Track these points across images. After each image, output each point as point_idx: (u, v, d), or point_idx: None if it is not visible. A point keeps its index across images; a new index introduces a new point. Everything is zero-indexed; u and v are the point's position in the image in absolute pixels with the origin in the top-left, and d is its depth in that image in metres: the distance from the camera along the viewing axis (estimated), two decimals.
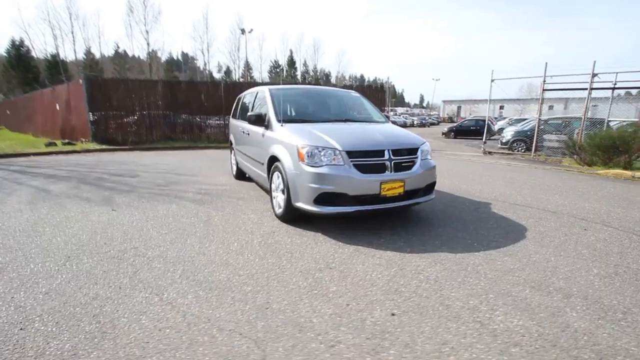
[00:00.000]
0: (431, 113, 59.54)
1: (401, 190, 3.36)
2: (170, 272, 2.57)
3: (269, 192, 4.16)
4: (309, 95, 4.76)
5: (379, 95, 16.24)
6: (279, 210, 3.74)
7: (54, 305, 2.10)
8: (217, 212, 4.12)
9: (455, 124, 24.59)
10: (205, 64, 53.61)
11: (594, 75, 9.70)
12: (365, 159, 3.27)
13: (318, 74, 60.31)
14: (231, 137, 6.32)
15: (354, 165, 3.21)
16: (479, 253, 2.93)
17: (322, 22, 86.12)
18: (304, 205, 3.29)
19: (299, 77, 57.38)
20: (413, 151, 3.53)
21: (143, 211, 4.17)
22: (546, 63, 11.01)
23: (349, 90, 5.25)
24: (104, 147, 11.66)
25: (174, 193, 5.14)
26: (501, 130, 17.26)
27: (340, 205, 3.21)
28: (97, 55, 48.06)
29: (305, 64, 60.49)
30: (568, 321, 1.97)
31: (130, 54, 50.08)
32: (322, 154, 3.24)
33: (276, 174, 3.77)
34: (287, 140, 3.54)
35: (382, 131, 3.75)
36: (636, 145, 7.00)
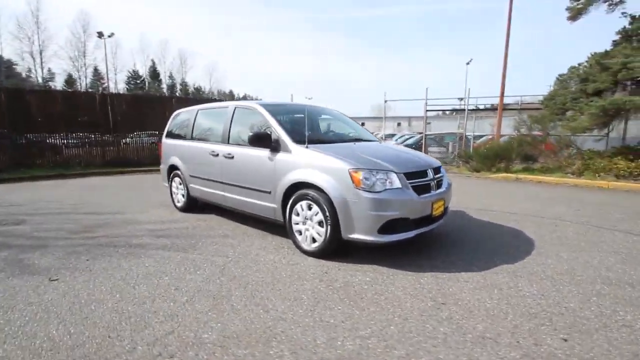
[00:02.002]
0: None
1: (442, 208, 3.36)
2: None
3: (275, 225, 3.52)
4: (299, 112, 4.30)
5: None
6: (314, 245, 3.19)
7: None
8: (221, 259, 3.22)
9: None
10: (36, 71, 42.61)
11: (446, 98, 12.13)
12: (418, 180, 3.13)
13: (187, 87, 55.89)
14: (174, 161, 5.13)
15: (411, 187, 3.03)
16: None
17: (189, 33, 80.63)
18: (363, 236, 2.90)
19: (165, 90, 51.87)
20: (439, 169, 3.59)
21: (106, 274, 2.91)
22: (427, 88, 13.21)
23: (324, 107, 4.97)
24: None
25: (121, 241, 3.80)
26: None
27: (403, 231, 2.97)
28: None
29: (171, 77, 55.22)
30: None
31: None
32: (376, 177, 2.94)
33: (302, 204, 3.21)
34: (327, 164, 3.07)
35: (402, 150, 3.69)
36: (515, 155, 9.08)
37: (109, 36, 25.66)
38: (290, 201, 3.34)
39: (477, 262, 3.09)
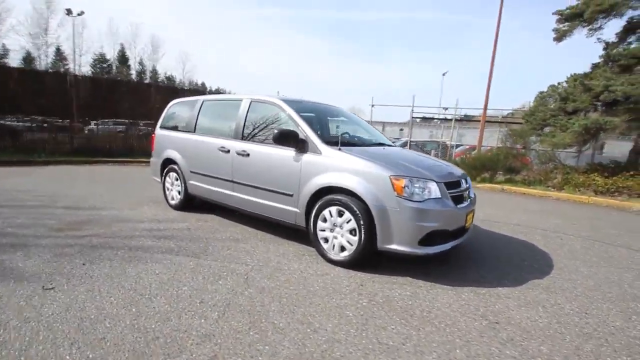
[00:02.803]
0: None
1: (472, 219, 3.28)
2: None
3: (291, 227, 3.29)
4: (319, 111, 4.07)
5: None
6: (343, 255, 2.99)
7: None
8: (241, 267, 2.93)
9: None
10: None
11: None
12: (455, 190, 3.02)
13: (158, 76, 53.10)
14: (170, 155, 4.70)
15: (450, 197, 2.92)
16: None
17: (161, 20, 76.49)
18: (402, 247, 2.73)
19: (133, 76, 48.91)
20: (467, 179, 3.51)
21: (112, 283, 2.53)
22: (414, 95, 13.45)
23: (339, 107, 4.74)
24: None
25: (118, 242, 3.38)
26: None
27: (440, 243, 2.84)
28: None
29: (141, 63, 52.16)
30: None
31: None
32: (418, 185, 2.79)
33: (332, 210, 3.00)
34: (365, 169, 2.87)
35: (430, 158, 3.58)
36: (500, 165, 9.38)
37: (79, 14, 23.69)
38: (317, 206, 3.11)
39: (507, 277, 3.03)
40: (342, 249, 3.00)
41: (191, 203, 4.71)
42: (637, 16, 9.62)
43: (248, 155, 3.65)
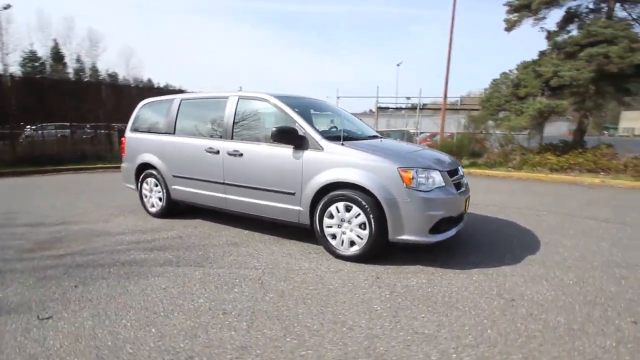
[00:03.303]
0: None
1: (468, 204, 3.43)
2: None
3: (300, 227, 3.23)
4: (311, 106, 3.97)
5: None
6: (353, 249, 2.98)
7: None
8: (252, 272, 2.82)
9: None
10: None
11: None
12: (454, 178, 3.13)
13: (99, 73, 48.95)
14: (147, 159, 4.38)
15: (453, 184, 3.02)
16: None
17: (99, 11, 69.87)
18: (414, 237, 2.78)
19: (71, 75, 44.66)
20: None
21: (117, 303, 2.32)
22: (377, 86, 13.68)
23: (323, 100, 4.67)
24: None
25: (105, 259, 3.11)
26: None
27: (446, 230, 2.93)
28: None
29: (79, 60, 47.71)
30: None
31: None
32: (423, 176, 2.85)
33: (339, 205, 2.97)
34: (371, 163, 2.87)
35: (421, 147, 3.67)
36: (465, 150, 9.89)
37: (5, 8, 20.97)
38: (322, 203, 3.07)
39: (505, 256, 3.21)
40: (352, 243, 3.00)
41: (174, 209, 4.45)
42: (574, 6, 10.56)
43: (241, 155, 3.50)
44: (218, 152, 3.66)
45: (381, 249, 2.97)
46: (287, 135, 3.12)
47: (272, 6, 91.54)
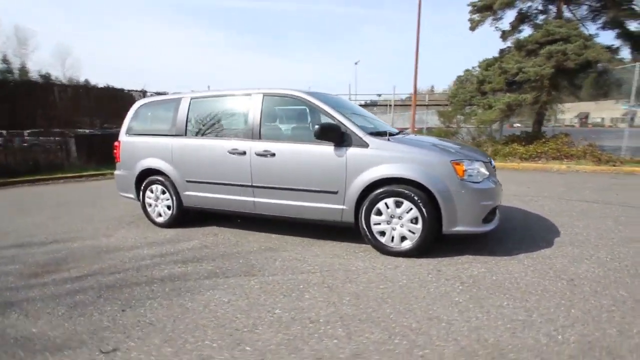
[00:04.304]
0: None
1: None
2: None
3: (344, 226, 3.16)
4: (339, 103, 3.82)
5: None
6: (405, 245, 2.96)
7: None
8: (312, 277, 2.68)
9: None
10: None
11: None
12: (493, 168, 3.24)
13: (30, 73, 43.85)
14: (153, 164, 3.99)
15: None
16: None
17: (25, 8, 62.26)
18: (469, 227, 2.83)
19: None
20: None
21: (186, 324, 2.08)
22: (349, 84, 13.83)
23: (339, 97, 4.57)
24: None
25: (137, 277, 2.79)
26: None
27: (491, 219, 3.03)
28: None
29: (5, 60, 42.40)
30: None
31: None
32: (473, 167, 2.91)
33: (388, 201, 2.93)
34: (422, 157, 2.86)
35: (449, 140, 3.75)
36: None
37: None
38: (368, 200, 3.01)
39: (535, 241, 3.39)
40: (402, 239, 2.98)
41: (184, 218, 4.12)
42: (525, 8, 11.50)
43: (273, 155, 3.32)
44: (244, 153, 3.44)
45: (433, 243, 2.99)
46: (331, 133, 3.02)
47: (225, 5, 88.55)
